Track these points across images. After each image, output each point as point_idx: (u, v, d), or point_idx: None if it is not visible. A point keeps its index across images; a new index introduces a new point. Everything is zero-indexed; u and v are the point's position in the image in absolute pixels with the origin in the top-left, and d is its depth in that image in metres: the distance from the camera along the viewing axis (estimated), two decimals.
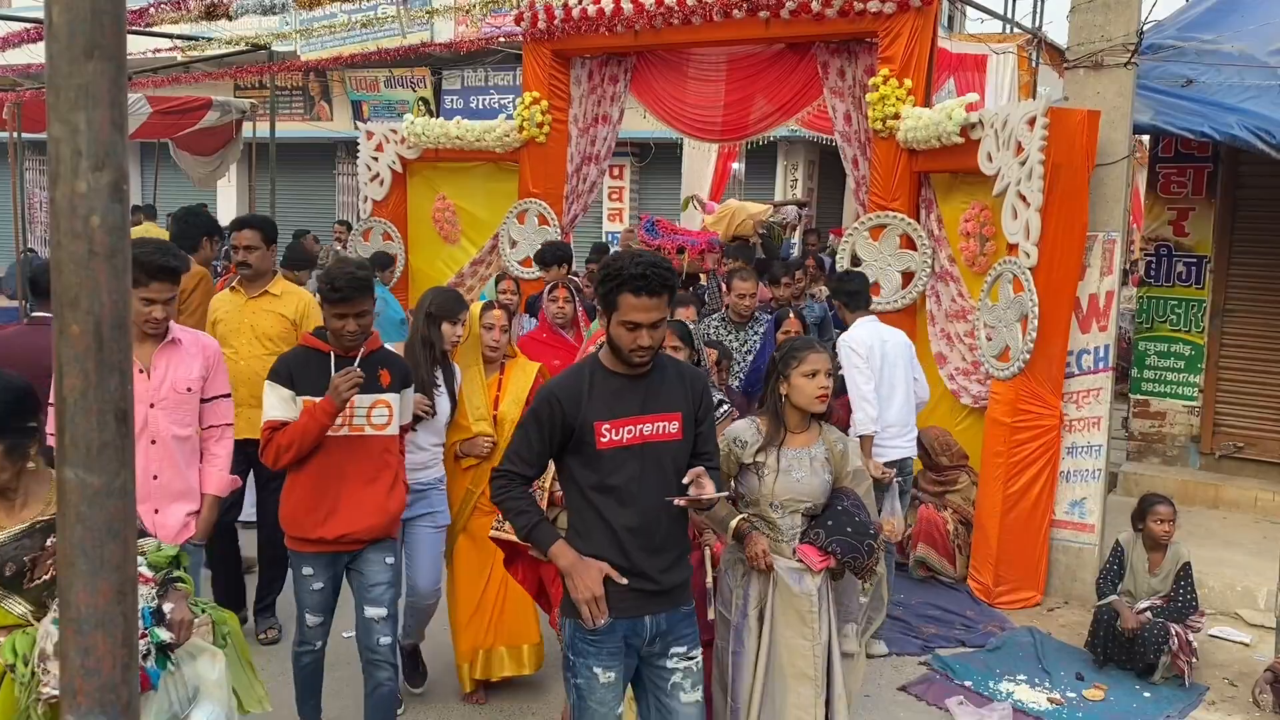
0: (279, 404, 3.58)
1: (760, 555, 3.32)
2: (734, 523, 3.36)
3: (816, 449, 3.42)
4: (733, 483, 3.46)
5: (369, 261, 6.89)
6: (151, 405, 3.46)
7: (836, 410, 4.81)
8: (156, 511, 3.50)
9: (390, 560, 3.76)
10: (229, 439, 3.75)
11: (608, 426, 2.89)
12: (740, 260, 7.57)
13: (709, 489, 2.97)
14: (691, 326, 4.51)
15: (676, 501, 2.97)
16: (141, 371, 3.44)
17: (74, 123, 0.72)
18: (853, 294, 5.44)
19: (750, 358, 6.01)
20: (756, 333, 6.10)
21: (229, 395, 3.75)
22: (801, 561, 3.37)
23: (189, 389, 3.57)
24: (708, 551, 3.69)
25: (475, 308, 4.51)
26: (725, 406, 4.22)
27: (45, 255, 12.50)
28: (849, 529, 3.36)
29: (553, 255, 7.08)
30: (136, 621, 0.77)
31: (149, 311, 3.39)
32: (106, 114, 0.72)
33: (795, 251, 11.63)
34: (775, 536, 3.39)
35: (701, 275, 8.32)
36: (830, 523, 3.39)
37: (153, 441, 3.47)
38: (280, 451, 3.54)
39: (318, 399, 3.51)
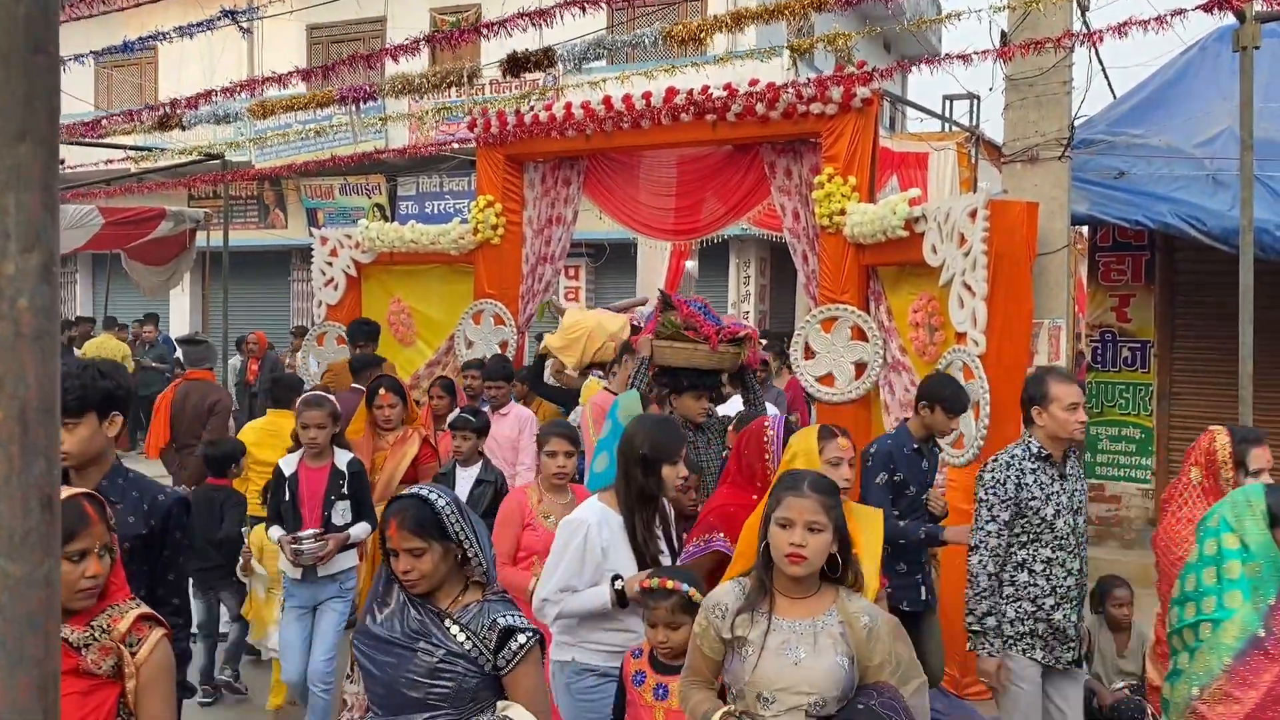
0: None
1: None
2: (715, 718, 2.60)
3: (826, 620, 2.59)
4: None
5: None
6: None
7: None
8: None
9: None
10: None
11: None
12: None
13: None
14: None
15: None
16: None
17: (4, 205, 0.72)
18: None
19: None
20: None
21: None
22: None
23: None
24: None
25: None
26: None
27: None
28: None
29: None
30: (58, 716, 0.74)
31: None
32: (38, 196, 0.72)
33: None
34: None
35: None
36: None
37: None
38: None
39: None
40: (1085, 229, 8.08)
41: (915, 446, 4.86)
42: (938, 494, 4.90)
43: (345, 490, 4.91)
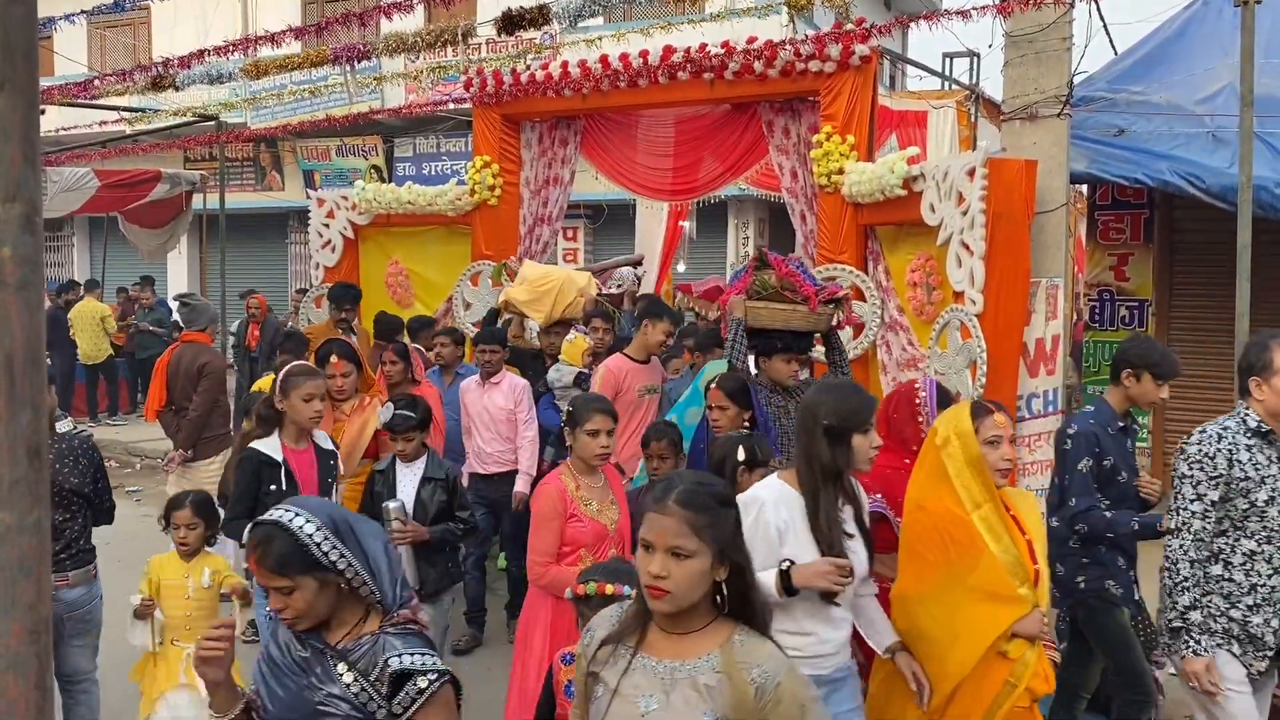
0: None
1: None
2: None
3: (697, 666, 2.02)
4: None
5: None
6: None
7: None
8: None
9: None
10: None
11: None
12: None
13: None
14: None
15: None
16: None
17: None
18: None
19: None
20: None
21: None
22: None
23: None
24: None
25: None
26: None
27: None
28: None
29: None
30: (50, 662, 0.75)
31: None
32: (18, 147, 0.72)
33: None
34: None
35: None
36: None
37: None
38: None
39: None
40: (1084, 187, 8.05)
41: (1121, 424, 4.29)
42: (1149, 478, 4.36)
43: (335, 474, 4.41)
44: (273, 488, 4.14)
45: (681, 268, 14.55)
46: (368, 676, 2.15)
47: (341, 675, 2.16)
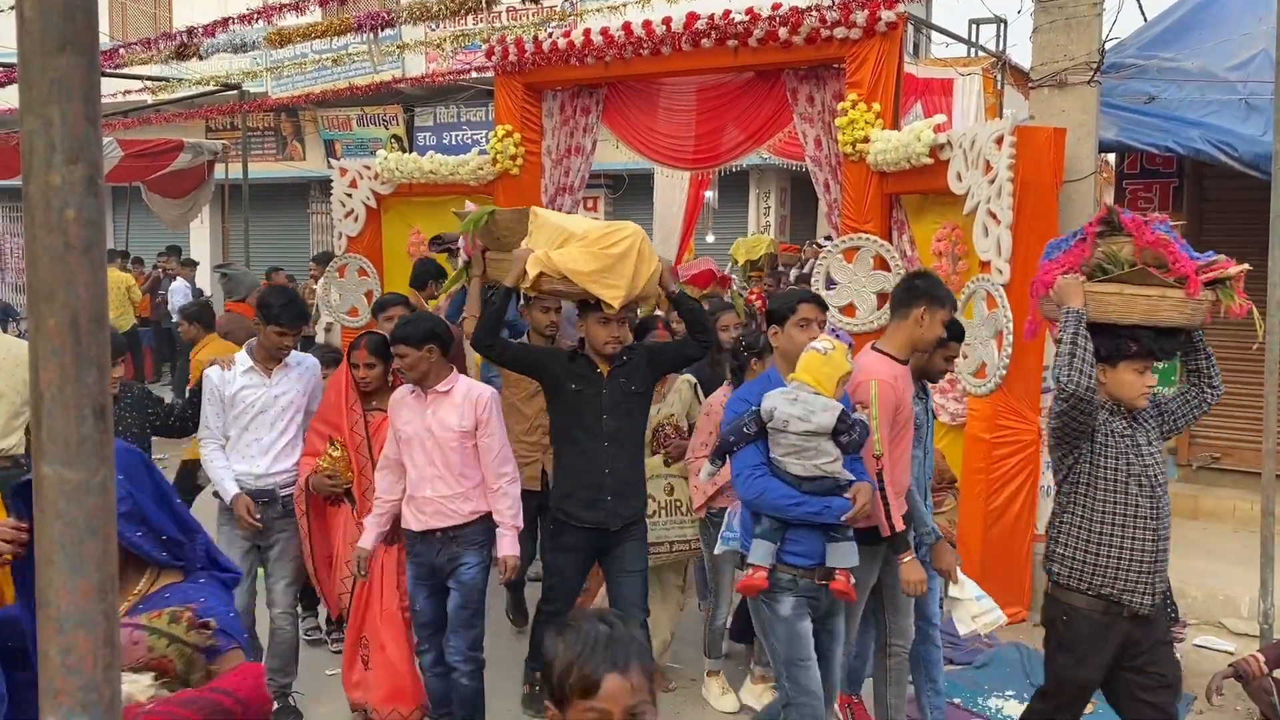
0: None
1: None
2: None
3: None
4: None
5: None
6: None
7: None
8: None
9: None
10: None
11: None
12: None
13: None
14: None
15: None
16: None
17: (47, 116, 0.72)
18: None
19: None
20: None
21: None
22: None
23: None
24: None
25: None
26: None
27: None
28: None
29: None
30: (117, 619, 0.77)
31: None
32: (80, 108, 0.73)
33: None
34: None
35: None
36: None
37: None
38: None
39: None
40: (1111, 156, 7.95)
41: None
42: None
43: None
44: None
45: (710, 238, 14.51)
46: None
47: None
